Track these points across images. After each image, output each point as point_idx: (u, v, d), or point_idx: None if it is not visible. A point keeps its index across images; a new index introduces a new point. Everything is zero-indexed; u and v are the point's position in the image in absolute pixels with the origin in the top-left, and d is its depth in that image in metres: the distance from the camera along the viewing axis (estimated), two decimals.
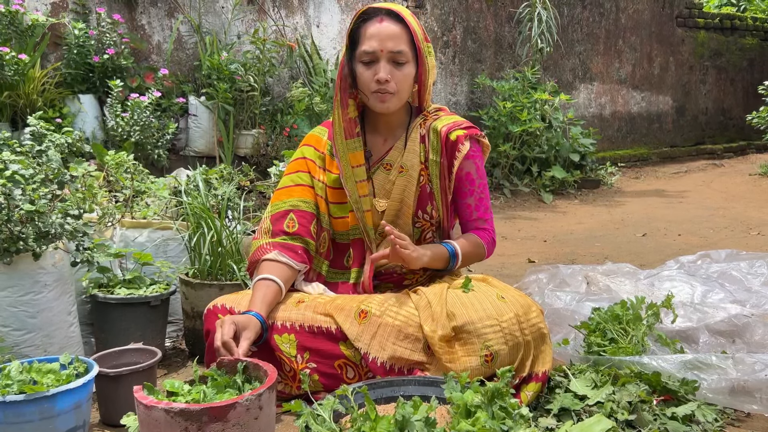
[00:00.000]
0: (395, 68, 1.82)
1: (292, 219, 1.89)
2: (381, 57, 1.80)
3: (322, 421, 1.39)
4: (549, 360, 1.71)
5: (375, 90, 1.82)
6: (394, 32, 1.81)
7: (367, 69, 1.83)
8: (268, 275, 1.79)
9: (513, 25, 7.03)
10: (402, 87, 1.84)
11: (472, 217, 1.97)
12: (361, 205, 1.89)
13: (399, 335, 1.69)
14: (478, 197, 1.96)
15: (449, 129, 1.91)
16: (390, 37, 1.80)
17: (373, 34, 1.80)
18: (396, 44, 1.80)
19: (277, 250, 1.84)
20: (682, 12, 8.73)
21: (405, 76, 1.84)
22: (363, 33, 1.82)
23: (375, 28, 1.81)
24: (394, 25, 1.81)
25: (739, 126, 9.27)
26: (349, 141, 1.89)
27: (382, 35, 1.80)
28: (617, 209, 5.60)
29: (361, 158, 1.90)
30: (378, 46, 1.79)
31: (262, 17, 5.44)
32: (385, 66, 1.80)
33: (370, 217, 1.91)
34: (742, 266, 2.63)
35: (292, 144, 4.87)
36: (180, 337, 2.38)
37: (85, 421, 1.52)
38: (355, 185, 1.89)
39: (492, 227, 2.00)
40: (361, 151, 1.90)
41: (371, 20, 1.82)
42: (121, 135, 4.27)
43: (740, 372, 1.70)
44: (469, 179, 1.94)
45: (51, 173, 1.85)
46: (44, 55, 4.34)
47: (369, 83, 1.82)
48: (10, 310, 1.70)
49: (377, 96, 1.83)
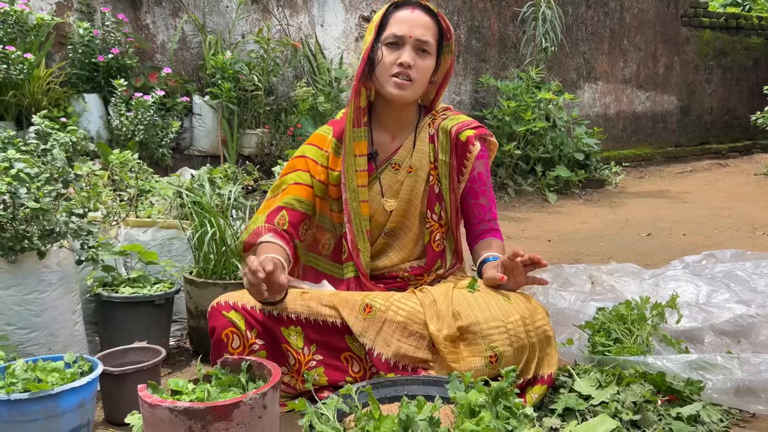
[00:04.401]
0: (419, 57, 1.82)
1: (284, 217, 1.87)
2: (407, 42, 1.81)
3: (326, 420, 1.39)
4: (554, 363, 1.71)
5: (395, 73, 1.81)
6: (425, 22, 1.83)
7: (391, 52, 1.83)
8: (271, 239, 1.78)
9: (517, 24, 7.02)
10: (420, 77, 1.84)
11: (486, 217, 1.96)
12: (357, 195, 1.88)
13: (404, 332, 1.69)
14: (490, 197, 1.97)
15: (459, 129, 1.90)
16: (420, 24, 1.82)
17: (404, 19, 1.82)
18: (424, 33, 1.82)
19: (271, 233, 1.82)
20: (687, 11, 8.71)
21: (426, 67, 1.85)
22: (393, 18, 1.84)
23: (406, 14, 1.83)
24: (425, 16, 1.84)
25: (744, 126, 9.23)
26: (356, 130, 1.88)
27: (413, 22, 1.82)
28: (622, 209, 5.58)
29: (364, 148, 1.89)
30: (407, 30, 1.81)
31: (267, 17, 5.44)
32: (410, 51, 1.81)
33: (366, 208, 1.89)
34: (747, 266, 2.62)
35: (296, 143, 4.88)
36: (184, 336, 2.38)
37: (89, 419, 1.52)
38: (355, 174, 1.88)
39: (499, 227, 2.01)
40: (365, 142, 1.89)
41: (403, 8, 1.84)
42: (125, 134, 4.28)
43: (746, 372, 1.70)
44: (480, 179, 1.94)
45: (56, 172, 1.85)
46: (49, 55, 4.35)
47: (390, 66, 1.82)
48: (14, 309, 1.70)
49: (396, 81, 1.82)
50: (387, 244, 1.95)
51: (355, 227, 1.89)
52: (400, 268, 1.94)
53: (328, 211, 1.95)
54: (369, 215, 1.92)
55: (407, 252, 1.94)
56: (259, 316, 1.75)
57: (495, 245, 1.93)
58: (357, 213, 1.89)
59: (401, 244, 1.94)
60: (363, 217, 1.89)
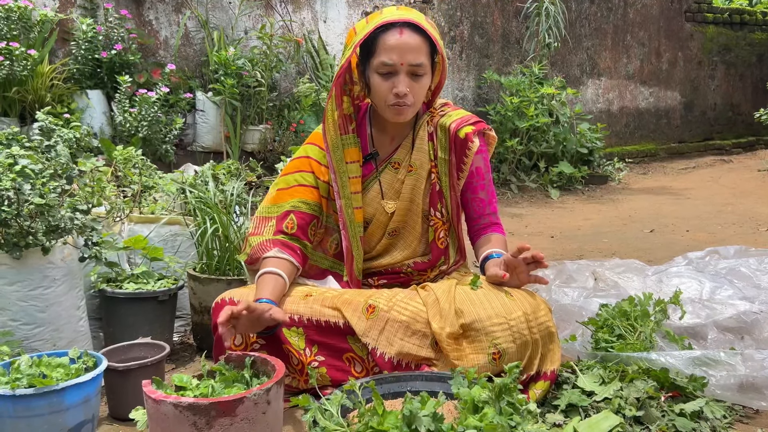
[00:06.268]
0: (413, 81, 1.78)
1: (292, 220, 1.87)
2: (400, 70, 1.75)
3: (330, 416, 1.40)
4: (557, 359, 1.71)
5: (393, 103, 1.78)
6: (414, 45, 1.75)
7: (384, 81, 1.78)
8: (273, 269, 1.79)
9: (520, 20, 7.00)
10: (418, 98, 1.82)
11: (485, 211, 1.96)
12: (350, 201, 1.88)
13: (407, 331, 1.69)
14: (489, 191, 1.96)
15: (458, 126, 1.90)
16: (410, 49, 1.74)
17: (393, 47, 1.74)
18: (416, 57, 1.75)
19: (278, 248, 1.83)
20: (690, 7, 8.68)
21: (422, 87, 1.81)
22: (381, 43, 1.75)
23: (395, 40, 1.74)
24: (414, 37, 1.75)
25: (747, 122, 9.20)
26: (344, 137, 1.87)
27: (403, 48, 1.73)
28: (625, 205, 5.57)
29: (356, 155, 1.88)
30: (398, 59, 1.74)
31: (269, 13, 5.43)
32: (404, 79, 1.76)
33: (360, 215, 1.89)
34: (751, 263, 2.61)
35: (299, 139, 4.88)
36: (188, 332, 2.39)
37: (93, 415, 1.52)
38: (348, 181, 1.87)
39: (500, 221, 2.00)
40: (356, 148, 1.88)
41: (391, 31, 1.75)
42: (128, 130, 4.28)
43: (749, 369, 1.69)
44: (479, 174, 1.94)
45: (60, 168, 1.86)
46: (52, 51, 4.36)
47: (386, 95, 1.78)
48: (19, 305, 1.71)
49: (394, 109, 1.79)
50: (391, 244, 1.95)
51: (350, 234, 1.89)
52: (404, 264, 1.94)
53: (332, 212, 1.95)
54: (368, 219, 1.92)
55: (411, 250, 1.94)
56: None
57: (496, 240, 1.93)
58: (351, 220, 1.89)
59: (406, 243, 1.94)
60: (357, 224, 1.89)
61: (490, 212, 1.96)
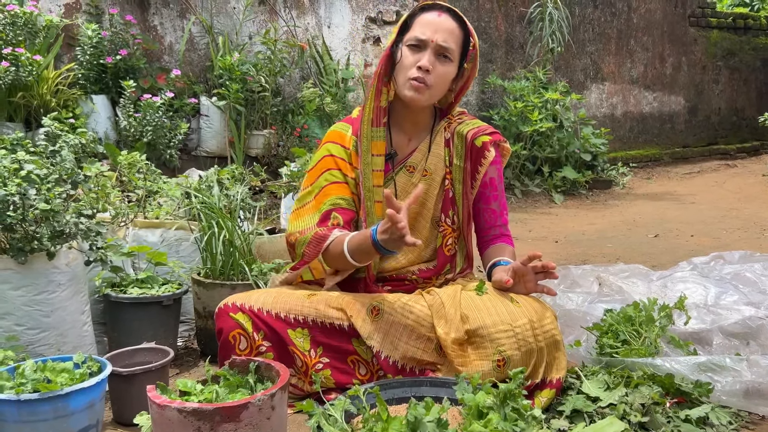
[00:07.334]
0: (438, 62, 1.80)
1: (336, 218, 1.83)
2: (429, 46, 1.78)
3: (334, 421, 1.40)
4: (563, 367, 1.70)
5: (413, 77, 1.79)
6: (449, 27, 1.80)
7: (411, 53, 1.80)
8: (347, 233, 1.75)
9: (524, 25, 7.01)
10: (438, 83, 1.82)
11: (497, 222, 1.96)
12: (372, 194, 1.86)
13: (411, 335, 1.69)
14: (501, 203, 1.96)
15: (475, 134, 1.90)
16: (444, 30, 1.79)
17: (429, 22, 1.79)
18: (447, 39, 1.79)
19: (336, 229, 1.79)
20: (694, 11, 8.67)
21: (445, 73, 1.82)
22: (418, 20, 1.82)
23: (432, 17, 1.80)
24: (450, 22, 1.81)
25: (752, 126, 9.17)
26: (375, 129, 1.86)
27: (437, 26, 1.79)
28: (629, 210, 5.56)
29: (382, 148, 1.87)
30: (430, 34, 1.78)
31: (274, 18, 5.45)
32: (430, 55, 1.78)
33: (381, 209, 1.87)
34: (756, 268, 2.61)
35: (303, 144, 4.88)
36: (192, 337, 2.39)
37: (98, 420, 1.52)
38: (371, 173, 1.86)
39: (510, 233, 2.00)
40: (383, 142, 1.87)
41: (430, 11, 1.81)
42: (133, 135, 4.29)
43: (755, 374, 1.69)
44: (492, 185, 1.94)
45: (65, 173, 1.86)
46: (58, 56, 4.38)
47: (409, 67, 1.80)
48: (24, 309, 1.71)
49: (412, 84, 1.79)
50: None
51: (369, 226, 1.88)
52: (408, 270, 1.93)
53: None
54: (378, 219, 1.91)
55: (416, 255, 1.93)
56: (266, 318, 1.75)
57: (506, 251, 1.93)
58: (371, 213, 1.87)
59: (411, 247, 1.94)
60: (377, 218, 1.88)
61: (501, 224, 1.96)
